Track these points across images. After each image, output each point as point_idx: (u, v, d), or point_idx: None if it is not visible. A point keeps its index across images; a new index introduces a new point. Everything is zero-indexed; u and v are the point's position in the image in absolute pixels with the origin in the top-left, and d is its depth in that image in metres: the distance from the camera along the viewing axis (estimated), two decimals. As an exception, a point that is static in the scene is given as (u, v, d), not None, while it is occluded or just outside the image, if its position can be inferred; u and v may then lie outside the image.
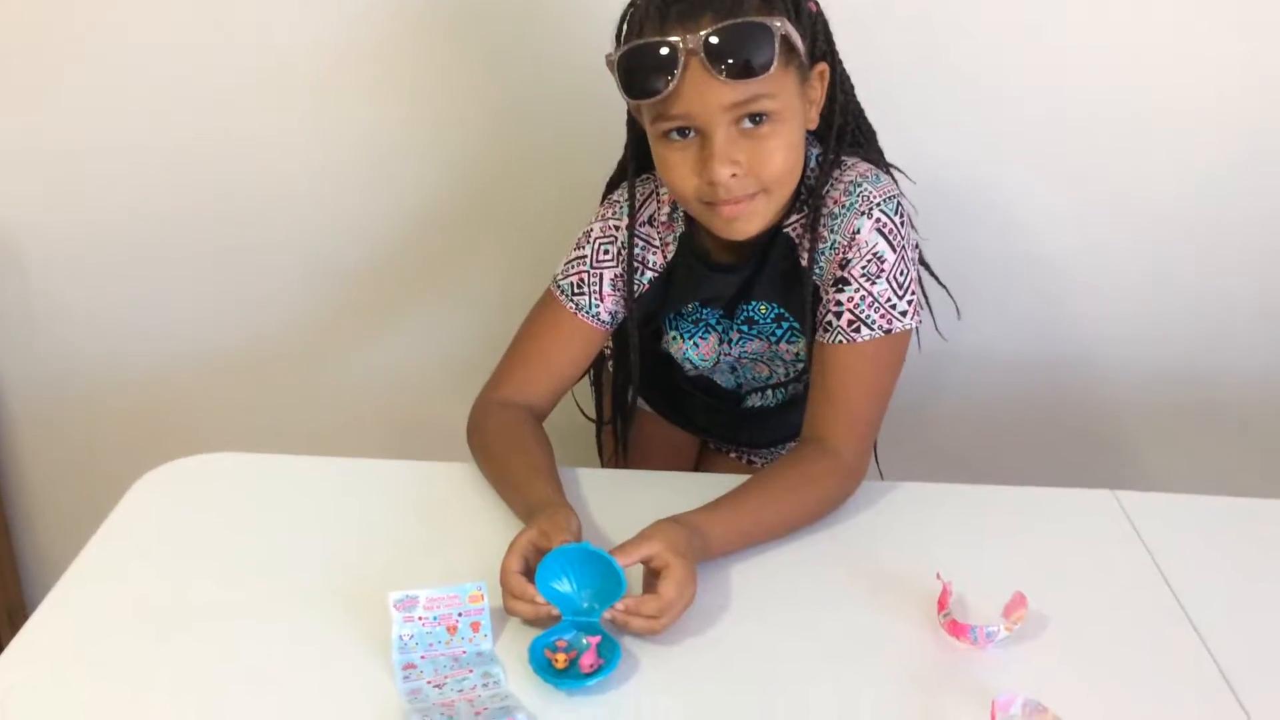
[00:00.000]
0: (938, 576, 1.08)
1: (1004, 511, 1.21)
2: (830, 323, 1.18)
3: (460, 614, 1.06)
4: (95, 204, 1.61)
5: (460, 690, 1.01)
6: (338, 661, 1.05)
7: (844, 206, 1.16)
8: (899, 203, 1.17)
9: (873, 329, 1.16)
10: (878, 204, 1.15)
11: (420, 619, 1.05)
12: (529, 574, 1.07)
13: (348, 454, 1.31)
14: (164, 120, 1.55)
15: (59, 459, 1.76)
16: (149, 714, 0.98)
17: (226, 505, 1.23)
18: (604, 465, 1.54)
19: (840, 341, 1.17)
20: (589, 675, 1.01)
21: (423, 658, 1.05)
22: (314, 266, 1.69)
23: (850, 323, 1.17)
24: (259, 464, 1.29)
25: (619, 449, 1.46)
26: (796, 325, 1.26)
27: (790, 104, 1.09)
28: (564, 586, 1.07)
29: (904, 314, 1.16)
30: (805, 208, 1.18)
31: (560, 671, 1.02)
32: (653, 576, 1.07)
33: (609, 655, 1.03)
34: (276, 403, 1.82)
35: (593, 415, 1.50)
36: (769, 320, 1.27)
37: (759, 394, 1.40)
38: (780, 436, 1.47)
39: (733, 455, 1.53)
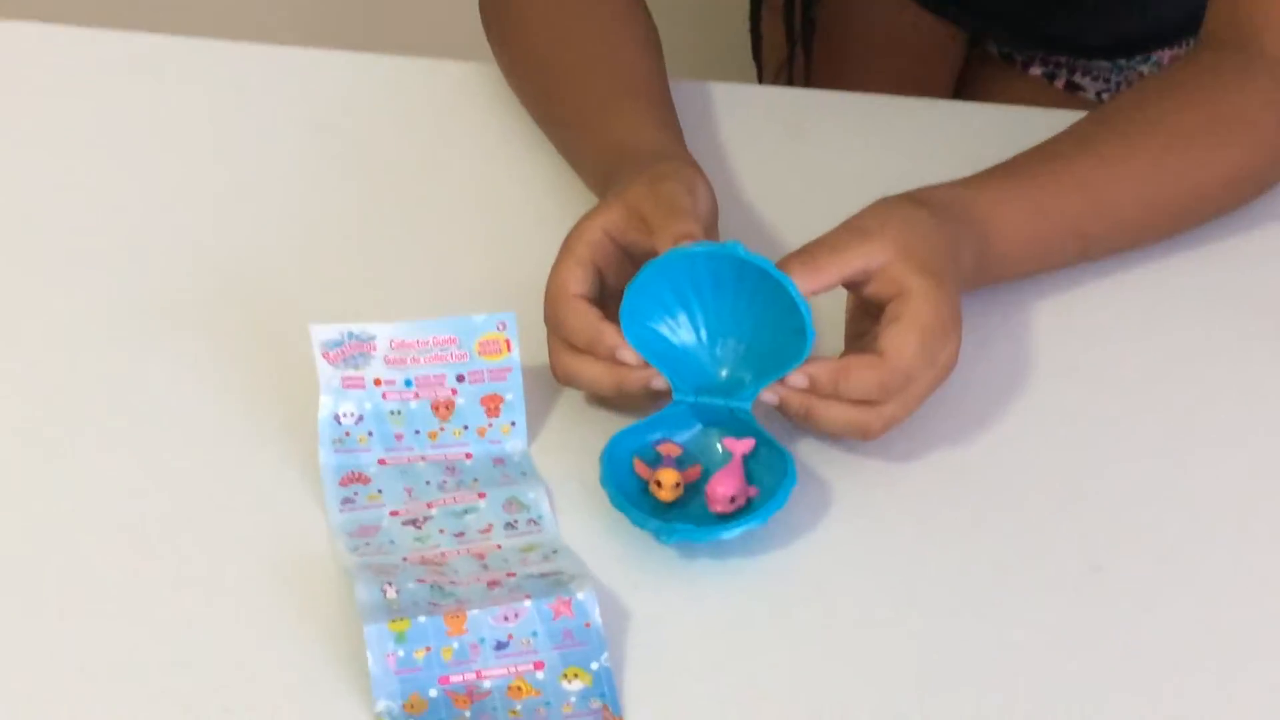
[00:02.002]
0: None
1: None
2: None
3: (462, 377, 1.03)
4: None
5: (459, 534, 0.99)
6: (208, 452, 1.06)
7: None
8: None
9: None
10: None
11: (378, 382, 1.03)
12: (608, 305, 1.04)
13: (253, 36, 1.33)
14: None
15: None
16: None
17: (26, 116, 1.28)
18: (765, 80, 1.52)
19: None
20: (726, 519, 0.99)
21: (382, 463, 1.04)
22: None
23: None
24: (86, 44, 1.32)
25: (797, 48, 1.45)
26: None
27: None
28: (681, 332, 1.04)
29: None
30: None
31: (666, 508, 1.00)
32: (867, 317, 1.05)
33: (769, 481, 1.00)
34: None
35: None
36: None
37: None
38: (1144, 33, 1.44)
39: (1037, 69, 1.49)
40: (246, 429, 1.06)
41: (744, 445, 1.00)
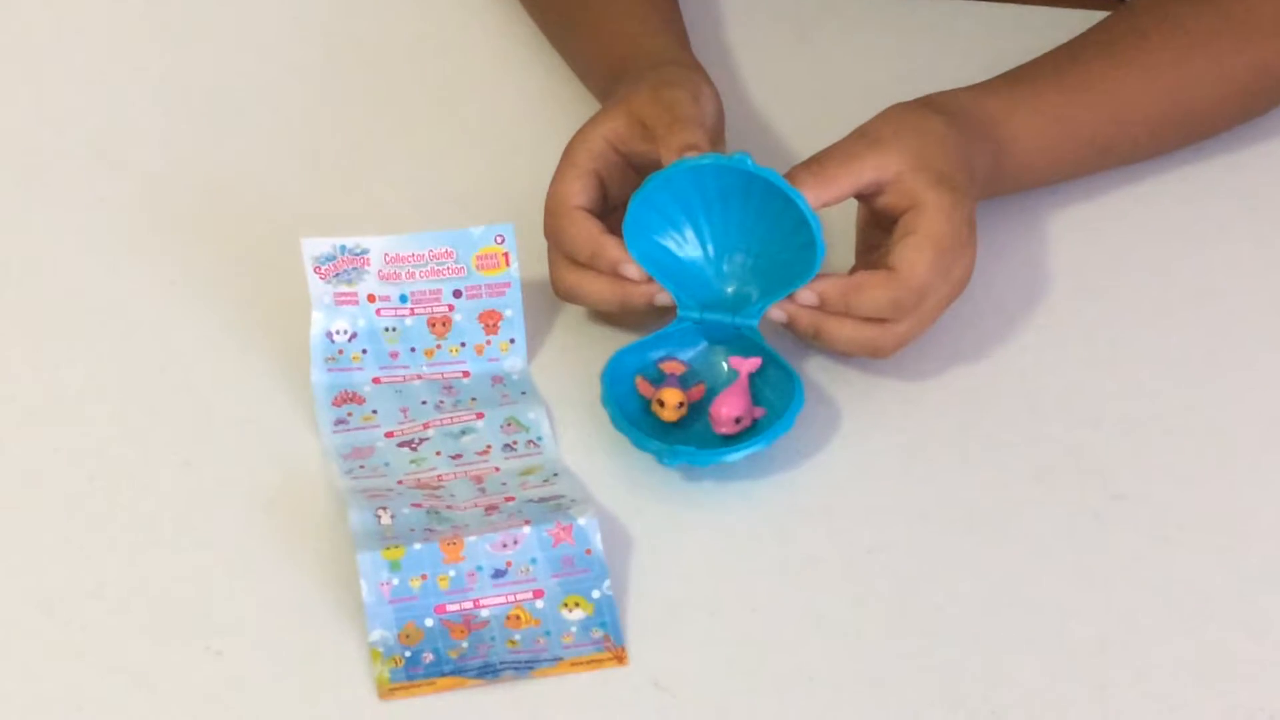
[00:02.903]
0: None
1: None
2: None
3: (459, 292, 1.03)
4: None
5: (456, 456, 0.99)
6: (193, 371, 1.05)
7: None
8: None
9: None
10: None
11: (372, 298, 1.02)
12: (611, 217, 1.04)
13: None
14: None
15: None
16: None
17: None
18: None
19: None
20: (731, 441, 0.98)
21: (376, 382, 1.03)
22: None
23: None
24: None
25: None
26: None
27: None
28: (686, 246, 1.03)
29: None
30: None
31: (669, 429, 0.99)
32: (879, 229, 1.04)
33: (777, 402, 1.00)
34: None
35: None
36: None
37: None
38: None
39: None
40: (234, 347, 1.05)
41: (750, 364, 0.99)
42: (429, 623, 0.89)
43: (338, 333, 1.01)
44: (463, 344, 1.03)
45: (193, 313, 1.07)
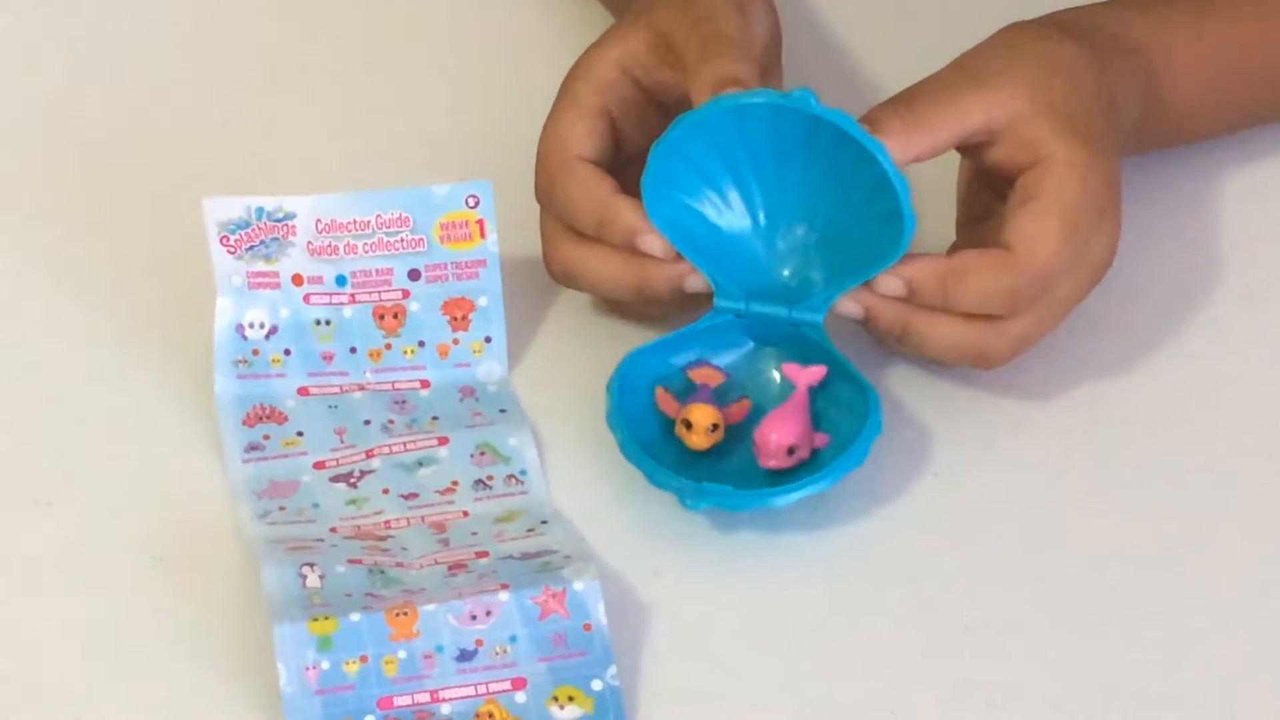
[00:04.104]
0: None
1: None
2: None
3: (417, 273, 1.01)
4: None
5: (410, 495, 0.97)
6: (62, 378, 1.02)
7: None
8: None
9: None
10: None
11: (299, 280, 1.00)
12: (626, 172, 1.01)
13: None
14: None
15: None
16: None
17: None
18: None
19: None
20: (781, 478, 0.95)
21: (303, 393, 1.00)
22: None
23: None
24: None
25: None
26: None
27: None
28: (728, 213, 1.01)
29: None
30: None
31: (698, 459, 0.96)
32: (989, 193, 1.02)
33: (845, 427, 0.96)
34: None
35: None
36: None
37: None
38: None
39: None
40: (113, 346, 1.02)
41: (811, 375, 0.95)
42: (370, 720, 0.83)
43: (251, 327, 0.99)
44: (421, 343, 0.99)
45: (61, 301, 1.05)
